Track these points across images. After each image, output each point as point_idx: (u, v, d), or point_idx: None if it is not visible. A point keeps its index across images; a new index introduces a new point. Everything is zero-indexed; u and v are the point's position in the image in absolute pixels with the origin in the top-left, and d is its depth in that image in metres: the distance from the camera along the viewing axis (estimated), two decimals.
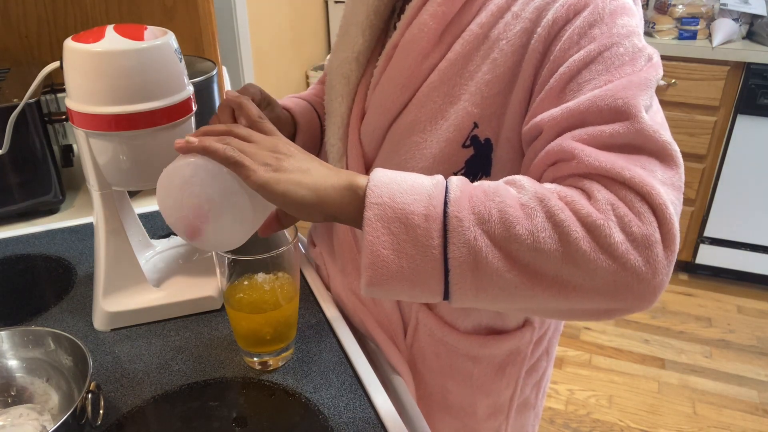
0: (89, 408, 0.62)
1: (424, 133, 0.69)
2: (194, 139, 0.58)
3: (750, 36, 2.38)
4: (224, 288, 0.72)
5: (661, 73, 0.60)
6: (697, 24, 2.37)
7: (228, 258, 0.69)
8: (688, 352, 2.26)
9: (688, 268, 2.68)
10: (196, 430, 0.67)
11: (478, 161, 0.67)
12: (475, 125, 0.66)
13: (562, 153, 0.56)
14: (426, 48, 0.68)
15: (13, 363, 0.70)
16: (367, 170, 0.76)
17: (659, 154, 0.55)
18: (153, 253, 0.91)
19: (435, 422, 0.86)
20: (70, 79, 0.71)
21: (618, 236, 0.51)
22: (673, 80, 2.34)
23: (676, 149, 0.55)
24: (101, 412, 0.65)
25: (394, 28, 0.73)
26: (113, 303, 0.81)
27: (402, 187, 0.54)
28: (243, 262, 0.70)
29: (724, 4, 2.36)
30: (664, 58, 2.34)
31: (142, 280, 0.82)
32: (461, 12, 0.66)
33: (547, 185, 0.55)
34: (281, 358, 0.76)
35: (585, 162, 0.54)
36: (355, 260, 0.81)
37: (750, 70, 2.24)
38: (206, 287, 0.85)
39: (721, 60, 2.26)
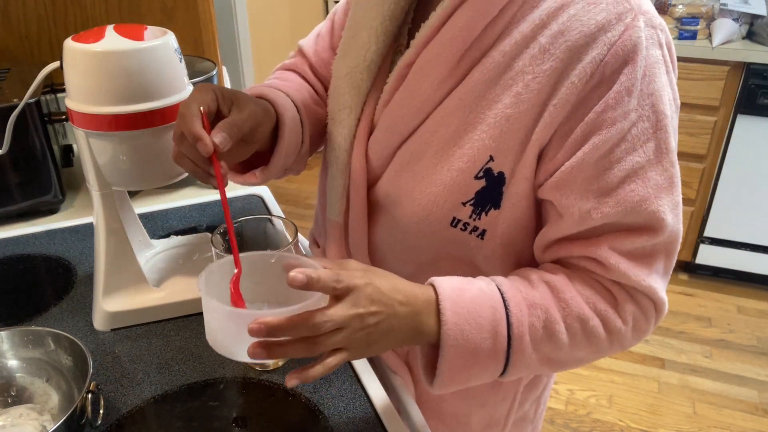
0: (89, 408, 0.62)
1: (436, 158, 0.67)
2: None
3: (750, 36, 2.38)
4: None
5: (675, 146, 0.64)
6: (697, 24, 2.37)
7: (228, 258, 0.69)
8: (688, 352, 2.26)
9: (688, 268, 2.68)
10: (196, 430, 0.67)
11: (489, 194, 0.65)
12: (491, 158, 0.64)
13: (600, 259, 0.64)
14: (443, 73, 0.65)
15: (13, 363, 0.70)
16: (371, 187, 0.74)
17: (671, 247, 0.65)
18: (153, 253, 0.91)
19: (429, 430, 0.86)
20: (70, 79, 0.71)
21: (629, 341, 0.67)
22: None
23: (679, 232, 0.65)
24: (101, 412, 0.65)
25: (407, 34, 0.71)
26: (113, 303, 0.81)
27: (471, 325, 0.61)
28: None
29: (724, 4, 2.36)
30: None
31: (142, 280, 0.82)
32: (482, 36, 0.63)
33: (585, 291, 0.65)
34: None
35: (621, 276, 0.63)
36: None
37: (750, 70, 2.24)
38: None
39: (721, 60, 2.26)
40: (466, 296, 0.61)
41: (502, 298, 0.62)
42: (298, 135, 0.76)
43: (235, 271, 0.59)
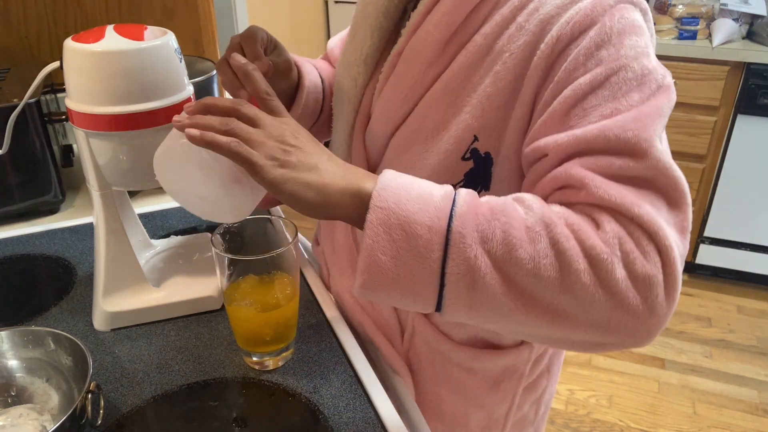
0: (89, 408, 0.62)
1: (426, 143, 0.68)
2: (195, 130, 0.55)
3: (750, 36, 2.38)
4: (224, 288, 0.72)
5: (674, 98, 0.58)
6: (697, 24, 2.37)
7: (228, 258, 0.69)
8: (688, 352, 2.26)
9: (688, 268, 2.68)
10: (196, 430, 0.67)
11: (478, 175, 0.66)
12: (475, 138, 0.65)
13: (570, 179, 0.54)
14: (429, 57, 0.66)
15: (13, 363, 0.70)
16: None
17: (669, 191, 0.54)
18: (153, 253, 0.91)
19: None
20: (70, 79, 0.71)
21: (620, 273, 0.50)
22: (673, 80, 2.34)
23: (686, 187, 0.54)
24: (101, 412, 0.65)
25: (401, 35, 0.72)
26: (113, 303, 0.81)
27: (410, 194, 0.52)
28: (243, 262, 0.70)
29: (724, 4, 2.36)
30: (664, 58, 2.35)
31: (142, 280, 0.82)
32: (466, 22, 0.65)
33: (555, 208, 0.53)
34: (281, 358, 0.76)
35: (595, 193, 0.52)
36: (353, 263, 0.81)
37: (750, 70, 2.24)
38: (206, 287, 0.85)
39: (721, 60, 2.26)
40: (411, 179, 0.56)
41: (454, 190, 0.55)
42: (318, 101, 0.85)
43: None
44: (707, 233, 2.54)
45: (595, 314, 0.51)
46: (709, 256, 2.57)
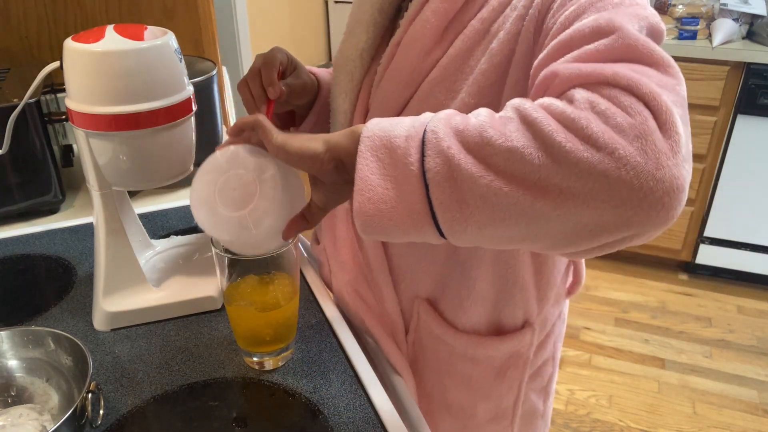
0: (89, 408, 0.62)
1: None
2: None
3: (750, 36, 2.38)
4: (224, 288, 0.72)
5: (661, 23, 0.54)
6: (697, 24, 2.37)
7: (228, 257, 0.69)
8: (688, 352, 2.26)
9: (688, 268, 2.68)
10: (196, 430, 0.67)
11: None
12: None
13: (545, 78, 0.52)
14: (428, 44, 0.68)
15: (13, 363, 0.70)
16: None
17: (652, 63, 0.49)
18: (153, 253, 0.91)
19: (437, 421, 0.86)
20: (70, 79, 0.71)
21: (597, 127, 0.45)
22: None
23: (672, 62, 0.50)
24: (101, 412, 0.65)
25: (399, 27, 0.73)
26: (113, 303, 0.81)
27: (394, 121, 0.54)
28: (243, 262, 0.70)
29: (724, 4, 2.36)
30: None
31: (142, 280, 0.82)
32: (464, 8, 0.66)
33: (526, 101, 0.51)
34: (281, 358, 0.76)
35: (566, 74, 0.50)
36: (355, 256, 0.81)
37: (750, 70, 2.24)
38: (206, 287, 0.85)
39: (721, 60, 2.26)
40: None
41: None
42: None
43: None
44: (707, 233, 2.54)
45: (590, 178, 0.45)
46: (709, 256, 2.57)
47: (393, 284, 0.80)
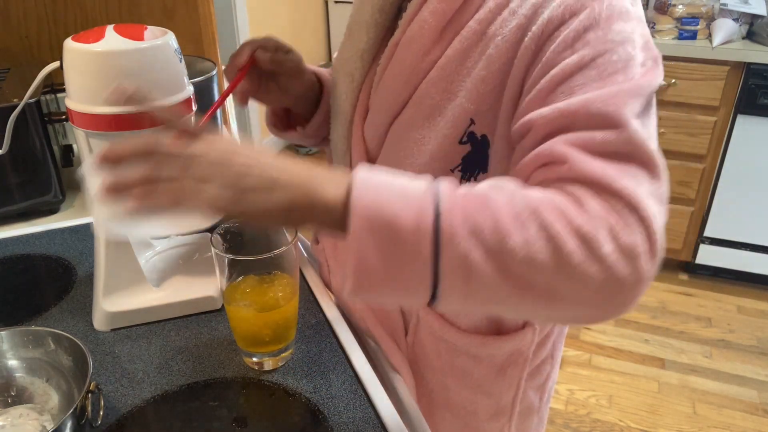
0: (89, 408, 0.62)
1: (422, 129, 0.69)
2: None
3: (750, 36, 2.38)
4: (224, 288, 0.72)
5: (658, 79, 0.59)
6: (697, 24, 2.37)
7: (228, 258, 0.69)
8: (688, 352, 2.26)
9: (688, 268, 2.68)
10: (196, 430, 0.67)
11: (475, 158, 0.67)
12: (472, 121, 0.66)
13: (553, 156, 0.55)
14: (426, 45, 0.67)
15: (13, 363, 0.70)
16: None
17: (647, 164, 0.54)
18: (153, 253, 0.91)
19: (437, 420, 0.87)
20: (70, 79, 0.71)
21: (608, 247, 0.50)
22: (673, 80, 2.34)
23: (661, 161, 0.55)
24: (101, 412, 0.65)
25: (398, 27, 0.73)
26: (113, 303, 0.81)
27: (391, 193, 0.50)
28: (243, 262, 0.70)
29: (724, 4, 2.36)
30: (664, 58, 2.33)
31: (142, 280, 0.82)
32: (462, 9, 0.66)
33: (536, 192, 0.53)
34: (281, 359, 0.76)
35: (576, 167, 0.53)
36: None
37: (750, 70, 2.24)
38: (206, 287, 0.85)
39: (721, 60, 2.26)
40: (387, 177, 0.52)
41: (436, 182, 0.53)
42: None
43: None
44: (707, 233, 2.54)
45: (589, 290, 0.51)
46: (709, 256, 2.57)
47: None
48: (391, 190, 0.51)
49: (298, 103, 0.85)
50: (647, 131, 0.56)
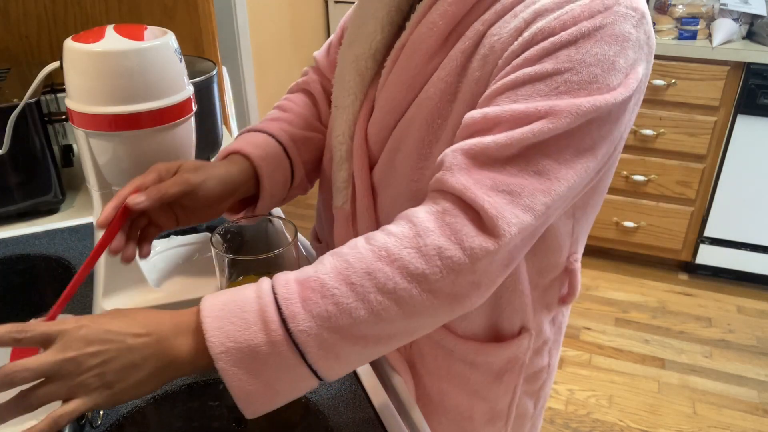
0: None
1: (422, 132, 0.68)
2: None
3: (750, 36, 2.38)
4: (224, 287, 0.71)
5: (625, 94, 0.58)
6: (697, 24, 2.37)
7: (228, 258, 0.69)
8: (688, 352, 2.26)
9: (688, 268, 2.68)
10: (196, 430, 0.67)
11: None
12: None
13: (441, 161, 0.59)
14: (433, 47, 0.66)
15: None
16: (371, 169, 0.76)
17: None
18: (153, 253, 0.91)
19: (433, 425, 0.86)
20: (70, 79, 0.71)
21: (444, 282, 0.55)
22: (673, 80, 2.34)
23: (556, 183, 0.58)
24: (101, 412, 0.65)
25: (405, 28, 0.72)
26: (113, 303, 0.81)
27: (234, 321, 0.53)
28: (243, 262, 0.70)
29: (724, 4, 2.36)
30: (664, 58, 2.36)
31: (142, 280, 0.82)
32: (471, 12, 0.65)
33: (371, 246, 0.56)
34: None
35: (444, 177, 0.58)
36: None
37: (750, 70, 2.24)
38: (206, 287, 0.85)
39: (721, 60, 2.27)
40: (224, 297, 0.55)
41: (272, 285, 0.55)
42: (285, 175, 0.81)
43: None
44: (707, 233, 2.54)
45: (442, 313, 0.57)
46: (709, 256, 2.57)
47: None
48: (233, 320, 0.53)
49: (226, 208, 0.76)
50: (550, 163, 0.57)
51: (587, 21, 0.58)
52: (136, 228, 0.68)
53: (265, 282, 0.56)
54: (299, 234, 0.74)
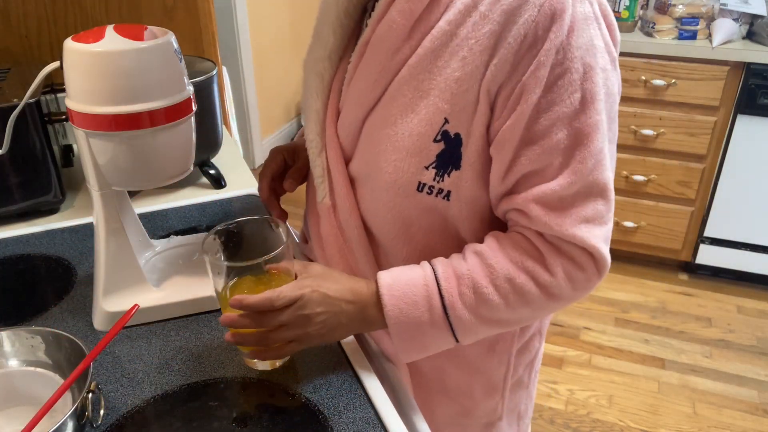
0: (89, 408, 0.62)
1: (396, 126, 0.71)
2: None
3: (750, 36, 2.38)
4: (220, 290, 0.71)
5: (604, 83, 0.67)
6: (697, 24, 2.37)
7: (225, 265, 0.69)
8: (688, 352, 2.26)
9: (688, 268, 2.68)
10: (196, 430, 0.67)
11: (449, 155, 0.71)
12: (446, 120, 0.69)
13: (523, 214, 0.71)
14: (396, 43, 0.70)
15: (13, 363, 0.70)
16: (347, 163, 0.79)
17: (588, 190, 0.69)
18: (153, 253, 0.91)
19: (434, 406, 0.89)
20: (70, 79, 0.71)
21: (567, 288, 0.72)
22: (673, 80, 2.34)
23: (611, 186, 0.71)
24: (101, 412, 0.65)
25: (366, 26, 0.74)
26: (113, 303, 0.81)
27: (406, 301, 0.71)
28: (237, 268, 0.70)
29: (724, 4, 2.36)
30: (664, 58, 2.36)
31: (142, 280, 0.82)
32: (429, 9, 0.68)
33: (514, 254, 0.72)
34: (280, 359, 0.76)
35: (537, 223, 0.70)
36: (342, 251, 0.82)
37: (750, 70, 2.24)
38: (206, 287, 0.85)
39: (721, 60, 2.26)
40: (402, 280, 0.72)
41: (435, 275, 0.72)
42: None
43: None
44: (707, 233, 2.54)
45: (556, 309, 0.77)
46: (709, 256, 2.57)
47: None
48: (406, 300, 0.72)
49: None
50: (599, 160, 0.69)
51: (561, 20, 0.64)
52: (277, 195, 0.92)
53: (428, 270, 0.73)
54: (292, 231, 0.74)
